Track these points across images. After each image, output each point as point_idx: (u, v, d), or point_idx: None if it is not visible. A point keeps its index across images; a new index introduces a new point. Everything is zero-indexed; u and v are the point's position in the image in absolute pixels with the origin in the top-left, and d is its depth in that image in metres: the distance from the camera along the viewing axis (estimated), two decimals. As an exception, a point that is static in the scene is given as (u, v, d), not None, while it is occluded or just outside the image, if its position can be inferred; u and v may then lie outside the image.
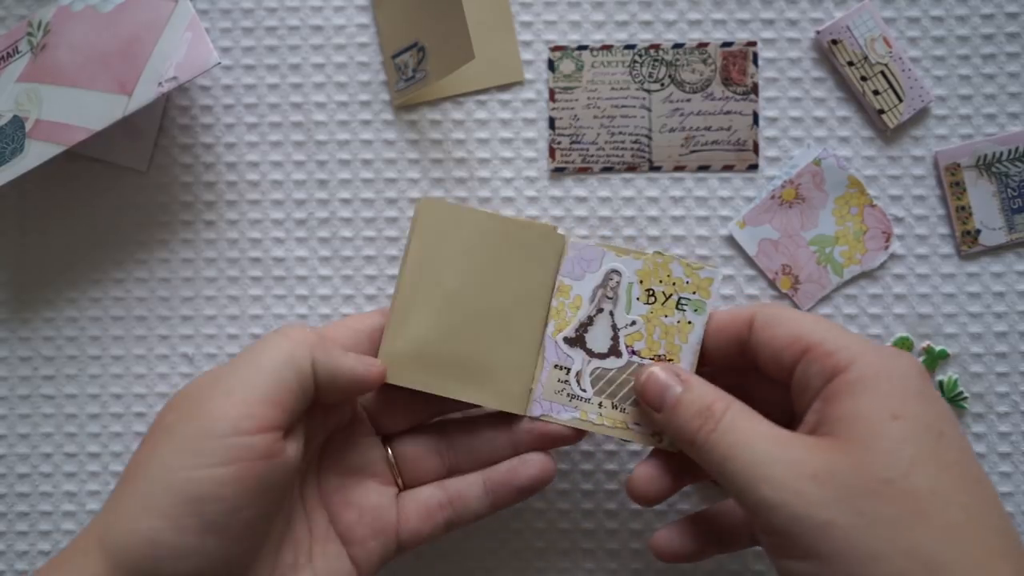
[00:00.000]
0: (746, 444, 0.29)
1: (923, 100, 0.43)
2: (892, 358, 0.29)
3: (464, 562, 0.43)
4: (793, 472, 0.27)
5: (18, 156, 0.39)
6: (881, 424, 0.27)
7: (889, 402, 0.28)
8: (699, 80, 0.43)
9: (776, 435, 0.29)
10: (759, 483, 0.28)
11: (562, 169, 0.44)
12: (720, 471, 0.30)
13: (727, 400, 0.31)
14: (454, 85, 0.43)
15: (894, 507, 0.26)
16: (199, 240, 0.44)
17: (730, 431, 0.30)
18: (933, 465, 0.27)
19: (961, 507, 0.26)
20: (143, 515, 0.28)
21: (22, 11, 0.44)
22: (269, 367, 0.30)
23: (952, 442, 0.28)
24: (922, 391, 0.29)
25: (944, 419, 0.28)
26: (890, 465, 0.27)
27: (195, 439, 0.29)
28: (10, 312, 0.44)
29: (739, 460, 0.29)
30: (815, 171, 0.43)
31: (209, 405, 0.29)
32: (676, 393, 0.32)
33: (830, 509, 0.26)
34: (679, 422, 0.32)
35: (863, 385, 0.29)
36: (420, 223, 0.35)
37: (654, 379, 0.33)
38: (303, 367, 0.31)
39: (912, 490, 0.26)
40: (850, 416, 0.28)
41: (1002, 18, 0.43)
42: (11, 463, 0.44)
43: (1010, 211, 0.43)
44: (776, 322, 0.32)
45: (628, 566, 0.43)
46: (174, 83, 0.39)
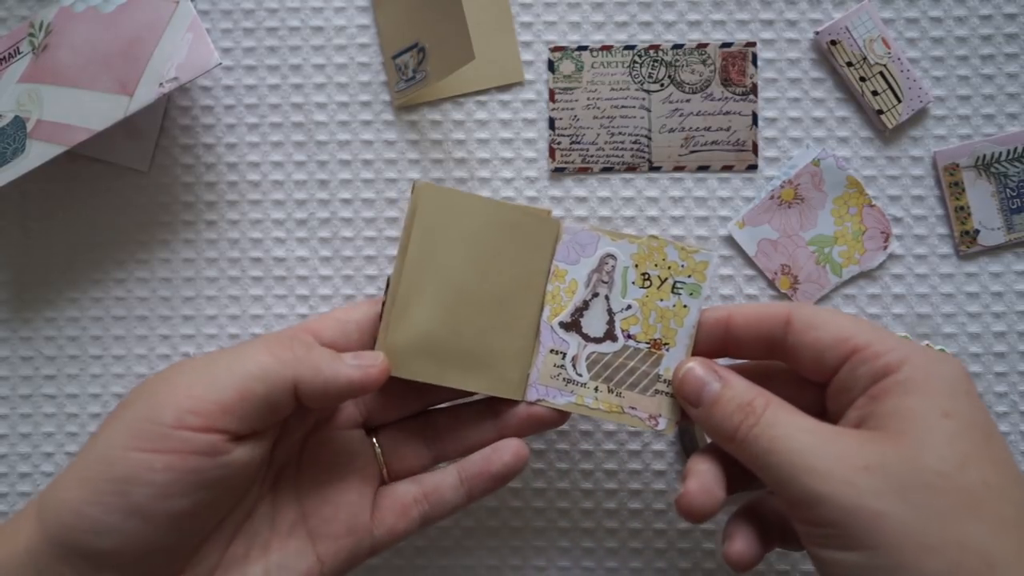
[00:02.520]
0: (790, 436, 0.29)
1: (922, 100, 0.43)
2: (941, 361, 0.30)
3: (464, 560, 0.44)
4: (843, 464, 0.27)
5: (19, 156, 0.39)
6: (933, 420, 0.28)
7: (940, 400, 0.28)
8: (699, 81, 0.44)
9: (821, 428, 0.29)
10: (804, 474, 0.28)
11: (562, 169, 0.44)
12: (763, 464, 0.29)
13: (767, 396, 0.31)
14: (454, 85, 0.44)
15: (948, 500, 0.26)
16: (200, 240, 0.44)
17: (773, 424, 0.30)
18: (984, 461, 0.27)
19: (1012, 502, 0.26)
20: (74, 486, 0.28)
21: (24, 12, 0.44)
22: (239, 374, 0.30)
23: (1000, 442, 0.28)
24: (969, 392, 0.29)
25: (989, 421, 0.29)
26: (944, 458, 0.27)
27: (139, 421, 0.29)
28: (12, 312, 0.44)
29: (783, 452, 0.28)
30: (814, 171, 0.43)
31: (166, 392, 0.29)
32: (715, 389, 0.32)
33: (883, 500, 0.26)
34: (719, 418, 0.31)
35: (913, 384, 0.29)
36: (419, 209, 0.35)
37: (692, 375, 0.33)
38: (277, 386, 0.30)
39: (966, 484, 0.26)
40: (900, 412, 0.28)
41: (1000, 19, 0.43)
42: (13, 463, 0.44)
43: (1009, 211, 0.43)
44: (817, 324, 0.32)
45: (628, 565, 0.43)
46: (175, 83, 0.39)
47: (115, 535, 0.28)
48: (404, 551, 0.43)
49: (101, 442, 0.29)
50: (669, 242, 0.35)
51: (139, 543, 0.28)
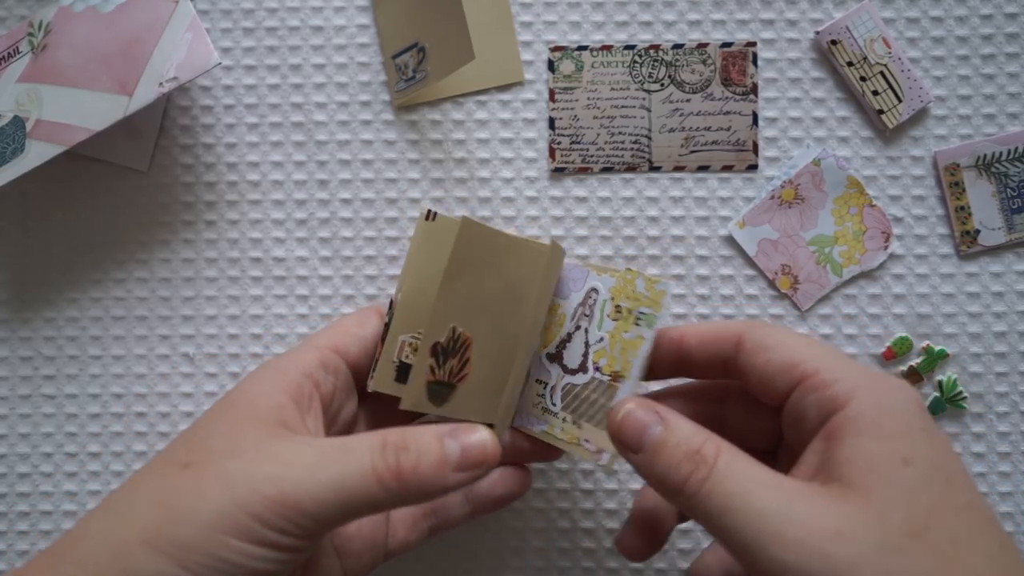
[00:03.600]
0: (750, 494, 0.26)
1: (922, 100, 0.43)
2: (891, 391, 0.28)
3: (465, 562, 0.43)
4: (812, 530, 0.25)
5: (19, 156, 0.39)
6: (894, 471, 0.26)
7: (897, 444, 0.27)
8: (699, 80, 0.44)
9: (781, 483, 0.26)
10: (771, 542, 0.25)
11: (562, 169, 0.44)
12: (719, 526, 0.26)
13: (716, 442, 0.28)
14: (454, 85, 0.43)
15: (921, 563, 0.25)
16: (200, 240, 0.44)
17: (728, 479, 0.26)
18: (949, 511, 0.26)
19: (982, 553, 0.26)
20: (160, 556, 0.27)
21: (23, 11, 0.44)
22: (337, 501, 0.28)
23: (960, 482, 0.27)
24: (925, 427, 0.27)
25: (949, 457, 0.27)
26: (912, 518, 0.25)
27: (228, 514, 0.27)
28: (11, 312, 0.44)
29: (743, 514, 0.26)
30: (814, 171, 0.43)
31: (250, 486, 0.28)
32: (657, 434, 0.28)
33: (858, 572, 0.24)
34: (663, 467, 0.28)
35: (866, 424, 0.27)
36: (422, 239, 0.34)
37: (632, 418, 0.29)
38: (380, 509, 0.29)
39: (935, 543, 0.25)
40: (858, 460, 0.27)
41: (1001, 19, 0.43)
42: (12, 463, 0.44)
43: (1009, 211, 0.43)
44: (767, 345, 0.30)
45: (628, 566, 0.43)
46: (175, 83, 0.39)
47: None
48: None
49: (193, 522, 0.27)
50: (640, 274, 0.35)
51: None
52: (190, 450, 0.29)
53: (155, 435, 0.44)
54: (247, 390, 0.31)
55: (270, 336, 0.44)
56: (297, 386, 0.31)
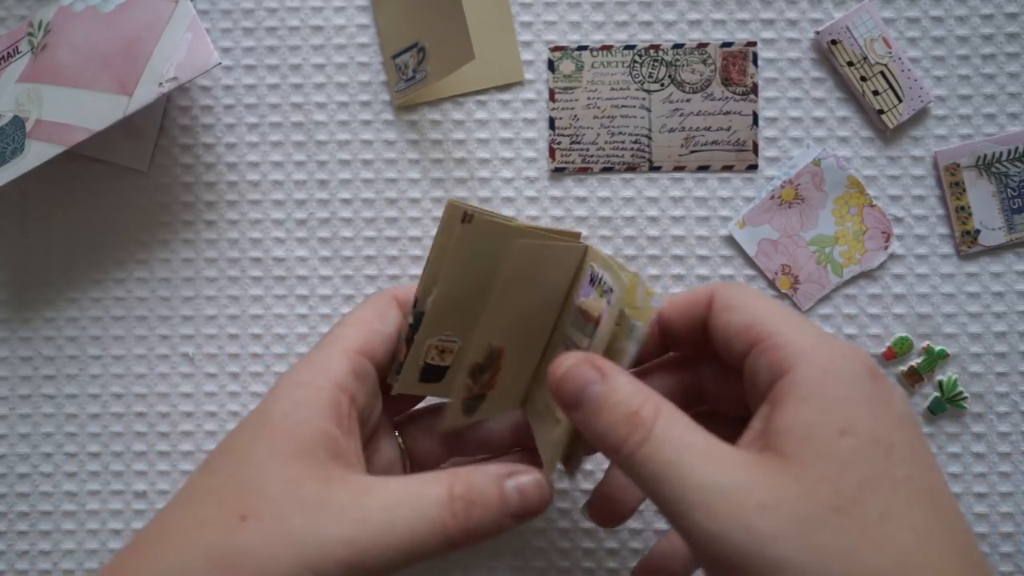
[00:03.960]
0: (681, 462, 0.26)
1: (922, 100, 0.43)
2: (840, 358, 0.27)
3: (465, 561, 0.43)
4: (739, 501, 0.25)
5: (19, 156, 0.39)
6: (829, 442, 0.26)
7: (837, 413, 0.26)
8: (699, 80, 0.44)
9: (715, 452, 0.26)
10: (699, 512, 0.25)
11: (562, 169, 0.44)
12: (652, 491, 0.26)
13: (655, 402, 0.27)
14: (454, 85, 0.43)
15: (846, 538, 0.24)
16: (200, 240, 0.44)
17: (663, 445, 0.26)
18: (883, 485, 0.25)
19: (912, 529, 0.25)
20: None
21: (23, 11, 0.44)
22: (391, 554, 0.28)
23: (903, 454, 0.26)
24: (871, 396, 0.27)
25: (895, 426, 0.26)
26: (840, 491, 0.25)
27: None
28: (11, 312, 0.44)
29: (674, 482, 0.25)
30: (815, 171, 0.43)
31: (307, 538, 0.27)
32: (598, 392, 0.28)
33: (780, 545, 0.24)
34: (601, 427, 0.27)
35: (809, 390, 0.26)
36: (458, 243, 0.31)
37: (573, 373, 0.28)
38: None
39: (863, 517, 0.25)
40: (796, 429, 0.26)
41: (1001, 18, 0.43)
42: (11, 463, 0.44)
43: (1009, 211, 0.43)
44: (733, 305, 0.30)
45: (628, 566, 0.43)
46: (175, 83, 0.39)
47: None
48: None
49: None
50: (641, 282, 0.32)
51: None
52: (242, 496, 0.28)
53: (155, 435, 0.44)
54: (287, 414, 0.29)
55: (270, 336, 0.44)
56: (336, 405, 0.30)
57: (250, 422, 0.30)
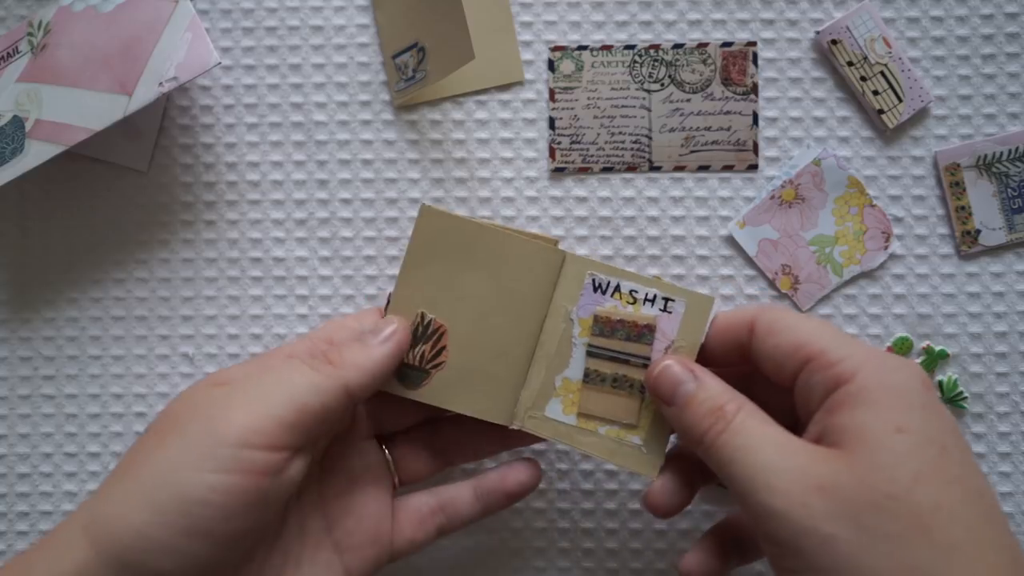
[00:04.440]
0: (752, 448, 0.29)
1: (923, 100, 0.43)
2: (896, 369, 0.29)
3: (464, 561, 0.43)
4: (798, 482, 0.27)
5: (18, 156, 0.39)
6: (885, 437, 0.27)
7: (893, 415, 0.28)
8: (699, 80, 0.43)
9: (783, 441, 0.29)
10: (762, 491, 0.28)
11: (562, 169, 0.44)
12: (725, 474, 0.29)
13: (739, 401, 0.31)
14: (454, 85, 0.43)
15: (897, 523, 0.26)
16: (199, 240, 0.44)
17: (739, 433, 0.29)
18: (937, 480, 0.27)
19: (963, 524, 0.26)
20: (136, 507, 0.28)
21: (22, 11, 0.44)
22: (292, 391, 0.30)
23: (955, 456, 0.28)
24: (926, 403, 0.28)
25: (947, 432, 0.28)
26: (894, 479, 0.26)
27: (202, 442, 0.29)
28: (11, 312, 0.44)
29: (744, 464, 0.28)
30: (815, 171, 0.43)
31: (225, 411, 0.29)
32: (690, 390, 0.32)
33: (834, 523, 0.26)
34: (690, 420, 0.31)
35: (866, 396, 0.28)
36: (421, 233, 0.35)
37: (668, 373, 0.33)
38: (330, 396, 0.31)
39: (915, 506, 0.26)
40: (854, 427, 0.28)
41: (1002, 18, 0.43)
42: (11, 463, 0.44)
43: (1010, 211, 0.43)
44: (778, 329, 0.31)
45: (628, 566, 0.43)
46: (174, 83, 0.39)
47: (177, 556, 0.28)
48: (404, 552, 0.43)
49: (163, 463, 0.29)
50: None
51: (198, 563, 0.28)
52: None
53: (155, 435, 0.44)
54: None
55: (270, 336, 0.44)
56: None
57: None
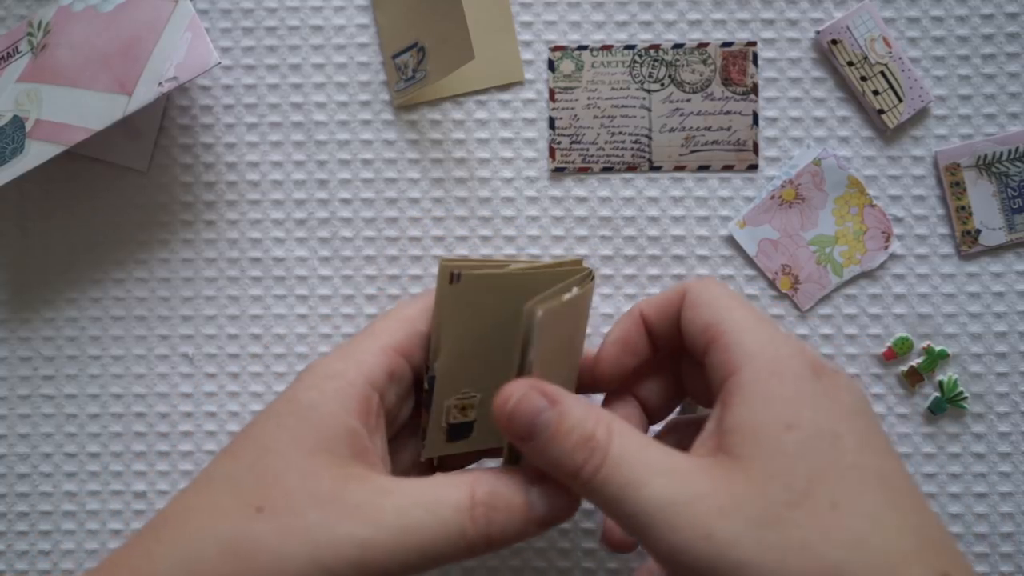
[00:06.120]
0: (640, 483, 0.26)
1: (923, 100, 0.43)
2: (785, 357, 0.27)
3: (464, 561, 0.43)
4: (698, 513, 0.25)
5: (18, 156, 0.39)
6: (776, 438, 0.26)
7: (782, 409, 0.26)
8: (699, 80, 0.43)
9: (671, 465, 0.26)
10: (661, 528, 0.25)
11: (562, 169, 0.44)
12: (614, 512, 0.26)
13: (608, 422, 0.27)
14: (454, 85, 0.43)
15: (800, 531, 0.25)
16: (199, 240, 0.44)
17: (620, 466, 0.26)
18: (831, 475, 0.25)
19: (863, 515, 0.25)
20: None
21: (22, 11, 0.44)
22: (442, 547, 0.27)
23: (849, 443, 0.26)
24: (814, 391, 0.27)
25: (840, 417, 0.26)
26: (790, 487, 0.25)
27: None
28: (10, 312, 0.44)
29: (635, 503, 0.26)
30: (815, 171, 0.43)
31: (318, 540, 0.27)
32: (548, 418, 0.27)
33: (740, 548, 0.25)
34: (556, 454, 0.27)
35: (755, 389, 0.27)
36: (449, 303, 0.31)
37: (522, 405, 0.27)
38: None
39: (814, 509, 0.25)
40: (743, 428, 0.26)
41: (1002, 18, 0.43)
42: (11, 463, 0.44)
43: (1010, 211, 0.43)
44: (698, 303, 0.30)
45: (628, 566, 0.43)
46: (174, 83, 0.39)
47: None
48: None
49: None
50: None
51: None
52: (260, 486, 0.27)
53: (154, 435, 0.44)
54: (309, 403, 0.29)
55: (270, 336, 0.44)
56: (366, 401, 0.29)
57: (276, 409, 0.29)
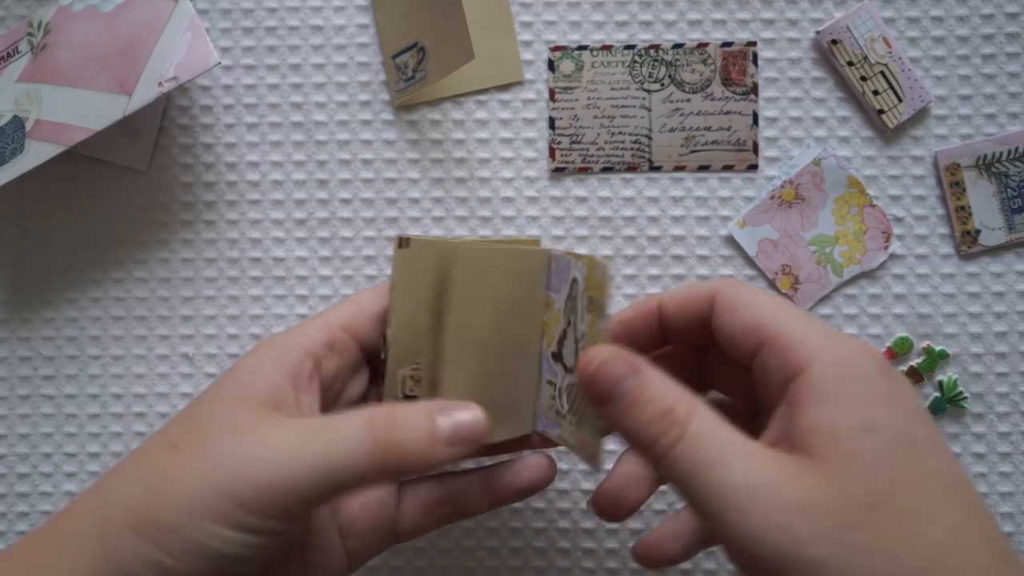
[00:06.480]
0: (717, 462, 0.26)
1: (923, 100, 0.43)
2: (852, 355, 0.27)
3: (464, 561, 0.43)
4: (775, 503, 0.25)
5: (18, 156, 0.39)
6: (856, 440, 0.26)
7: (859, 411, 0.26)
8: (699, 80, 0.43)
9: (749, 452, 0.26)
10: (734, 511, 0.25)
11: (562, 169, 0.44)
12: (686, 490, 0.26)
13: (690, 402, 0.27)
14: (454, 85, 0.43)
15: (881, 536, 0.25)
16: (199, 240, 0.44)
17: (698, 444, 0.26)
18: (912, 480, 0.26)
19: (946, 525, 0.25)
20: (149, 536, 0.26)
21: (22, 11, 0.44)
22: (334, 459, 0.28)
23: (927, 448, 0.26)
24: (889, 392, 0.27)
25: (916, 422, 0.27)
26: (872, 490, 0.25)
27: (219, 500, 0.27)
28: (10, 312, 0.44)
29: (708, 481, 0.26)
30: (815, 171, 0.43)
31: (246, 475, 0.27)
32: (630, 386, 0.28)
33: (819, 547, 0.24)
34: (634, 424, 0.27)
35: (827, 389, 0.27)
36: (400, 267, 0.33)
37: (605, 367, 0.28)
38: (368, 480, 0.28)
39: (895, 514, 0.25)
40: (821, 429, 0.26)
41: (1002, 18, 0.43)
42: (11, 463, 0.44)
43: (1010, 211, 0.43)
44: (735, 306, 0.30)
45: (628, 566, 0.43)
46: (174, 83, 0.39)
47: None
48: (403, 551, 0.43)
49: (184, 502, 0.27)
50: (598, 262, 0.32)
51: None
52: (182, 431, 0.29)
53: (155, 435, 0.44)
54: (245, 366, 0.31)
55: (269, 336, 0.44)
56: (297, 364, 0.31)
57: (221, 376, 0.31)
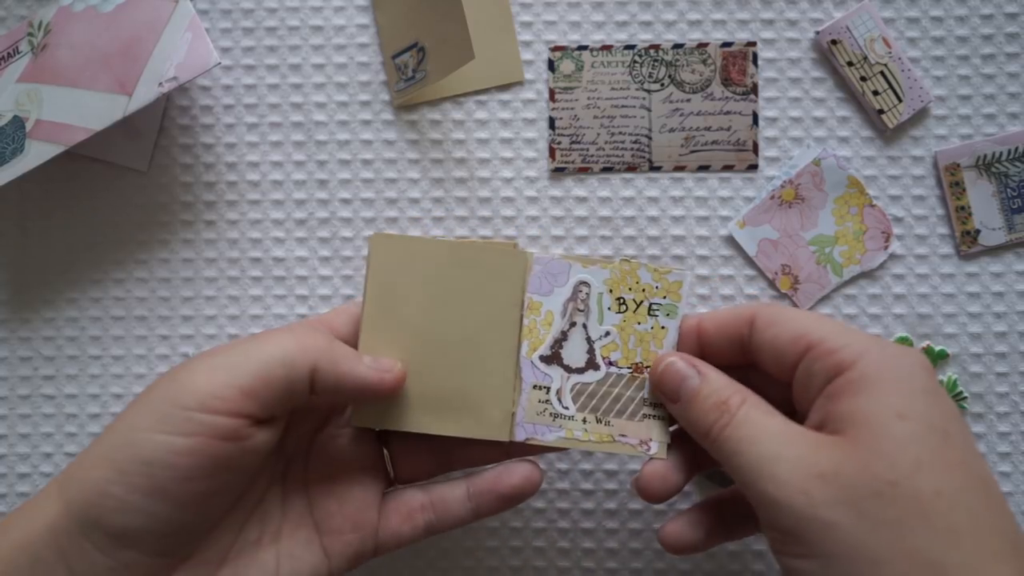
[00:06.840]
0: (755, 439, 0.29)
1: (923, 100, 0.43)
2: (897, 355, 0.29)
3: (464, 561, 0.43)
4: (800, 471, 0.28)
5: (18, 156, 0.39)
6: (887, 424, 0.27)
7: (895, 401, 0.28)
8: (699, 80, 0.44)
9: (786, 431, 0.29)
10: (765, 480, 0.28)
11: (562, 169, 0.44)
12: (729, 465, 0.30)
13: (743, 394, 0.31)
14: (454, 85, 0.43)
15: (897, 509, 0.26)
16: (199, 240, 0.44)
17: (742, 425, 0.30)
18: (938, 466, 0.27)
19: (965, 509, 0.26)
20: (99, 465, 0.29)
21: (23, 11, 0.44)
22: (261, 358, 0.30)
23: (957, 442, 0.28)
24: (927, 389, 0.29)
25: (950, 418, 0.28)
26: (895, 466, 0.27)
27: (163, 405, 0.29)
28: (10, 312, 0.44)
29: (747, 455, 0.29)
30: (815, 171, 0.43)
31: (188, 378, 0.30)
32: (694, 384, 0.32)
33: (834, 510, 0.27)
34: (695, 414, 0.32)
35: (868, 383, 0.28)
36: (373, 261, 0.35)
37: (672, 369, 0.33)
38: (297, 371, 0.31)
39: (916, 492, 0.26)
40: (855, 414, 0.28)
41: (1001, 18, 0.43)
42: (11, 463, 0.44)
43: (1009, 211, 0.43)
44: (777, 321, 0.32)
45: (628, 566, 0.43)
46: (174, 83, 0.39)
47: (138, 514, 0.29)
48: (403, 551, 0.43)
49: (125, 424, 0.30)
50: (641, 264, 0.35)
51: (160, 522, 0.29)
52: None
53: (155, 435, 0.44)
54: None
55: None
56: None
57: None
